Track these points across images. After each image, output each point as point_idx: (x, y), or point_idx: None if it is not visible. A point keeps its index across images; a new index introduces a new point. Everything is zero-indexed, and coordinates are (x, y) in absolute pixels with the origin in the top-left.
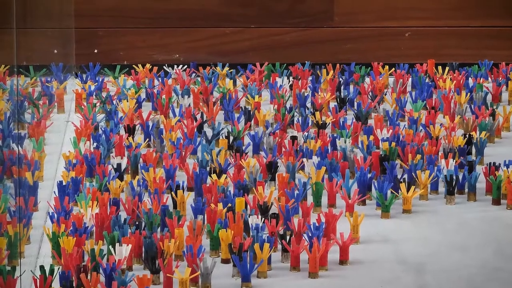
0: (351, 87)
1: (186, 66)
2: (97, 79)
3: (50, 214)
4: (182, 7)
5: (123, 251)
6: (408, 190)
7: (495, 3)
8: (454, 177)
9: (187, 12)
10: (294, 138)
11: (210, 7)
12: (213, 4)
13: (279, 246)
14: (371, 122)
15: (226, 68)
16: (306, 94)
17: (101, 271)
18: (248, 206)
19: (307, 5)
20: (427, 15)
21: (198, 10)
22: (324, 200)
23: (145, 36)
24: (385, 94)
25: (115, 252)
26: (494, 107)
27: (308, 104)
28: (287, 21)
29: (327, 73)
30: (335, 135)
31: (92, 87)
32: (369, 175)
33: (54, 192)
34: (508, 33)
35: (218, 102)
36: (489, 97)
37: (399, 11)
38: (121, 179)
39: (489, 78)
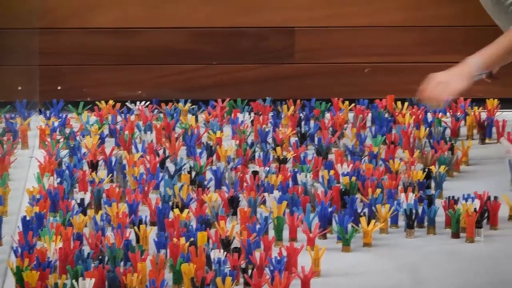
0: (312, 122)
1: (148, 102)
2: (60, 115)
3: (14, 249)
4: (145, 44)
5: (86, 285)
6: (368, 223)
7: (453, 39)
8: (414, 211)
9: (150, 49)
10: (255, 173)
11: (173, 44)
12: (176, 42)
13: (241, 280)
14: (331, 157)
15: (188, 104)
16: (267, 129)
17: None
18: (210, 240)
19: (268, 42)
20: (387, 51)
21: (161, 47)
22: (286, 234)
23: (108, 73)
24: (345, 129)
25: (78, 286)
26: (453, 141)
27: (269, 140)
28: (249, 57)
29: (288, 109)
30: (296, 170)
31: (56, 123)
32: (329, 209)
33: (18, 226)
34: None
35: (180, 137)
36: (448, 132)
37: (359, 48)
38: (85, 213)
39: (448, 113)
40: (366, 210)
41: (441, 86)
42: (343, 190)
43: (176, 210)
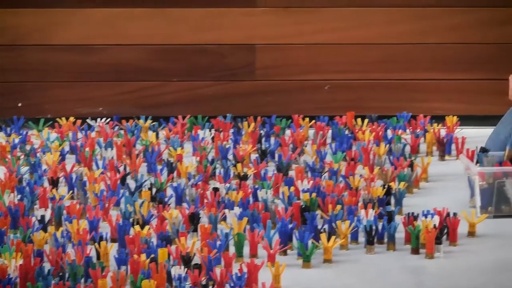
0: (272, 139)
1: (109, 119)
2: (21, 132)
3: None
4: (106, 61)
5: None
6: (328, 240)
7: (413, 57)
8: (374, 227)
9: (111, 66)
10: (216, 189)
11: (134, 61)
12: (136, 58)
13: None
14: (292, 173)
15: (149, 121)
16: (227, 146)
17: None
18: (171, 257)
19: (229, 59)
20: (347, 68)
21: (122, 64)
22: (246, 250)
23: (69, 89)
24: (306, 146)
25: None
26: (413, 158)
27: (230, 156)
28: (210, 74)
29: (249, 126)
30: (256, 186)
31: (16, 140)
32: (290, 226)
33: None
34: (426, 85)
35: (141, 154)
36: (408, 149)
37: (319, 65)
38: (45, 230)
39: (408, 130)
40: (326, 226)
41: None
42: (303, 206)
43: (137, 227)
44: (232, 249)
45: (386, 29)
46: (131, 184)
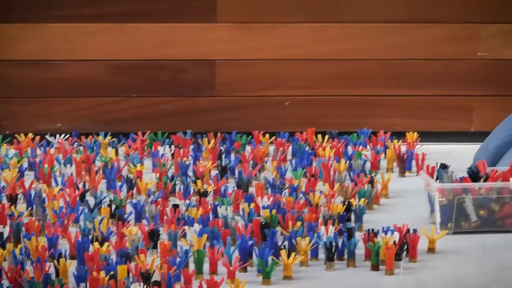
0: (232, 155)
1: (68, 135)
2: None
3: None
4: (64, 77)
5: None
6: (288, 256)
7: (373, 72)
8: (334, 244)
9: (70, 82)
10: (176, 206)
11: (92, 77)
12: (95, 74)
13: None
14: (252, 190)
15: (108, 137)
16: (187, 162)
17: None
18: (130, 274)
19: (188, 75)
20: (307, 84)
21: (80, 79)
22: (206, 267)
23: (27, 105)
24: (266, 162)
25: None
26: (373, 174)
27: (190, 173)
28: (169, 90)
29: (209, 142)
30: (216, 203)
31: None
32: (250, 242)
33: None
34: (386, 101)
35: (101, 171)
36: (368, 165)
37: (279, 81)
38: (3, 247)
39: (368, 146)
40: (286, 243)
41: None
42: (263, 223)
43: (96, 244)
44: (192, 266)
45: (345, 45)
46: (91, 200)
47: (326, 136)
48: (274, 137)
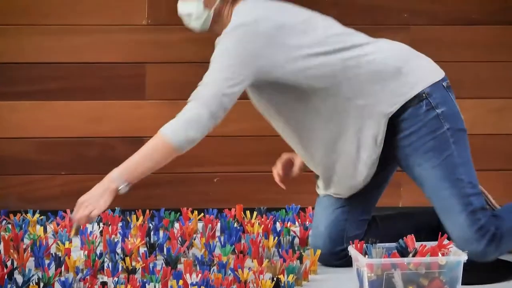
0: (161, 232)
1: None
2: None
3: None
4: None
5: None
6: None
7: None
8: None
9: None
10: (104, 283)
11: (20, 154)
12: (22, 151)
13: None
14: (180, 266)
15: (37, 215)
16: (116, 240)
17: None
18: None
19: (117, 151)
20: (236, 160)
21: (8, 157)
22: None
23: None
24: (194, 239)
25: None
26: (302, 250)
27: (118, 250)
28: (97, 167)
29: (137, 219)
30: (145, 280)
31: None
32: None
33: None
34: (313, 177)
35: (29, 248)
36: (297, 241)
37: (208, 157)
38: None
39: (297, 222)
40: None
41: (84, 205)
42: None
43: None
44: None
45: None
46: (19, 279)
47: (255, 213)
48: (202, 214)
